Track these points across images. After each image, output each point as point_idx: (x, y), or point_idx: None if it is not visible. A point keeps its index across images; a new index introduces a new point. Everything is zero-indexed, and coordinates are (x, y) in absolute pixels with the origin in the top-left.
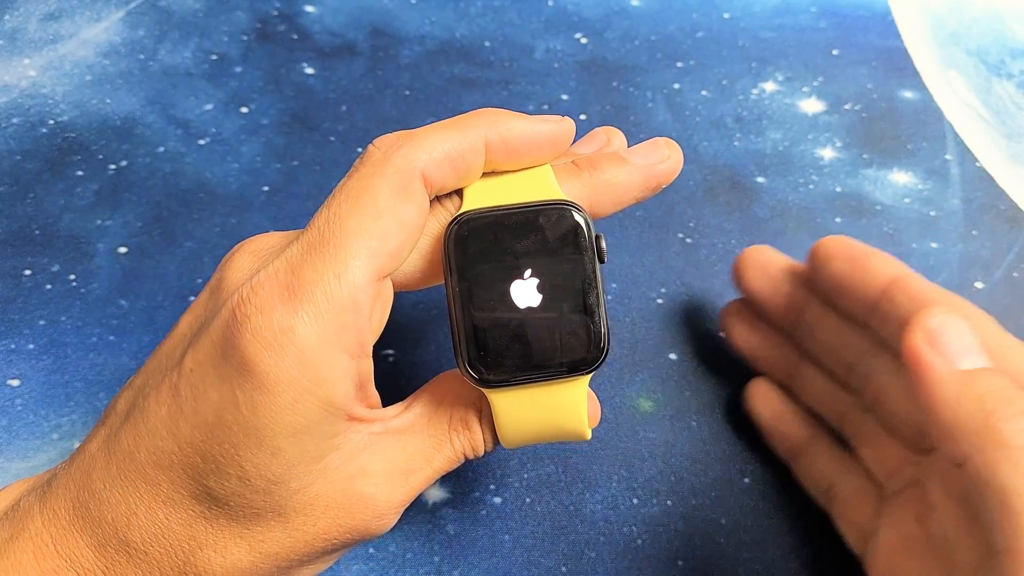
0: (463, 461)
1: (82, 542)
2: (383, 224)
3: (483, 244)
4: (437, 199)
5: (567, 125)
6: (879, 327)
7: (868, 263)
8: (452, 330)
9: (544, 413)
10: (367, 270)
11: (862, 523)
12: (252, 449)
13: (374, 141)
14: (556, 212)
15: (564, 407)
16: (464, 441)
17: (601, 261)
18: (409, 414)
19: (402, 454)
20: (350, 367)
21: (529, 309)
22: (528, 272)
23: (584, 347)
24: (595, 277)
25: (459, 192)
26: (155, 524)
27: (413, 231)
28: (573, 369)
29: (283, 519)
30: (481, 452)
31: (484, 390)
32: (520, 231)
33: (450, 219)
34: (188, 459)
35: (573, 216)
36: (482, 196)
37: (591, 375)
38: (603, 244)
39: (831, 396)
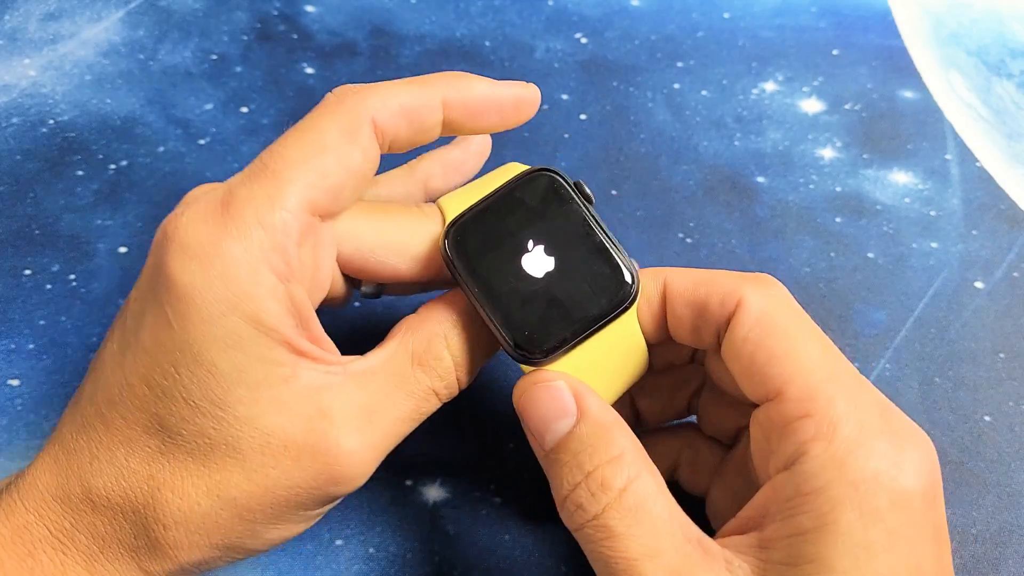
0: (437, 403)
1: (48, 495)
2: (326, 161)
3: (479, 238)
4: (418, 208)
5: (532, 91)
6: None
7: None
8: (489, 328)
9: (610, 359)
10: (301, 198)
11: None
12: (190, 366)
13: (332, 89)
14: (528, 181)
15: (624, 346)
16: (431, 375)
17: (589, 203)
18: (370, 357)
19: (363, 394)
20: (277, 288)
21: (548, 274)
22: (531, 243)
23: (614, 284)
24: (591, 218)
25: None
26: (114, 466)
27: (356, 176)
28: (614, 308)
29: (239, 456)
30: (454, 387)
31: (548, 366)
32: (505, 212)
33: (436, 226)
34: (136, 390)
35: (544, 176)
36: (459, 203)
37: (634, 305)
38: (586, 188)
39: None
